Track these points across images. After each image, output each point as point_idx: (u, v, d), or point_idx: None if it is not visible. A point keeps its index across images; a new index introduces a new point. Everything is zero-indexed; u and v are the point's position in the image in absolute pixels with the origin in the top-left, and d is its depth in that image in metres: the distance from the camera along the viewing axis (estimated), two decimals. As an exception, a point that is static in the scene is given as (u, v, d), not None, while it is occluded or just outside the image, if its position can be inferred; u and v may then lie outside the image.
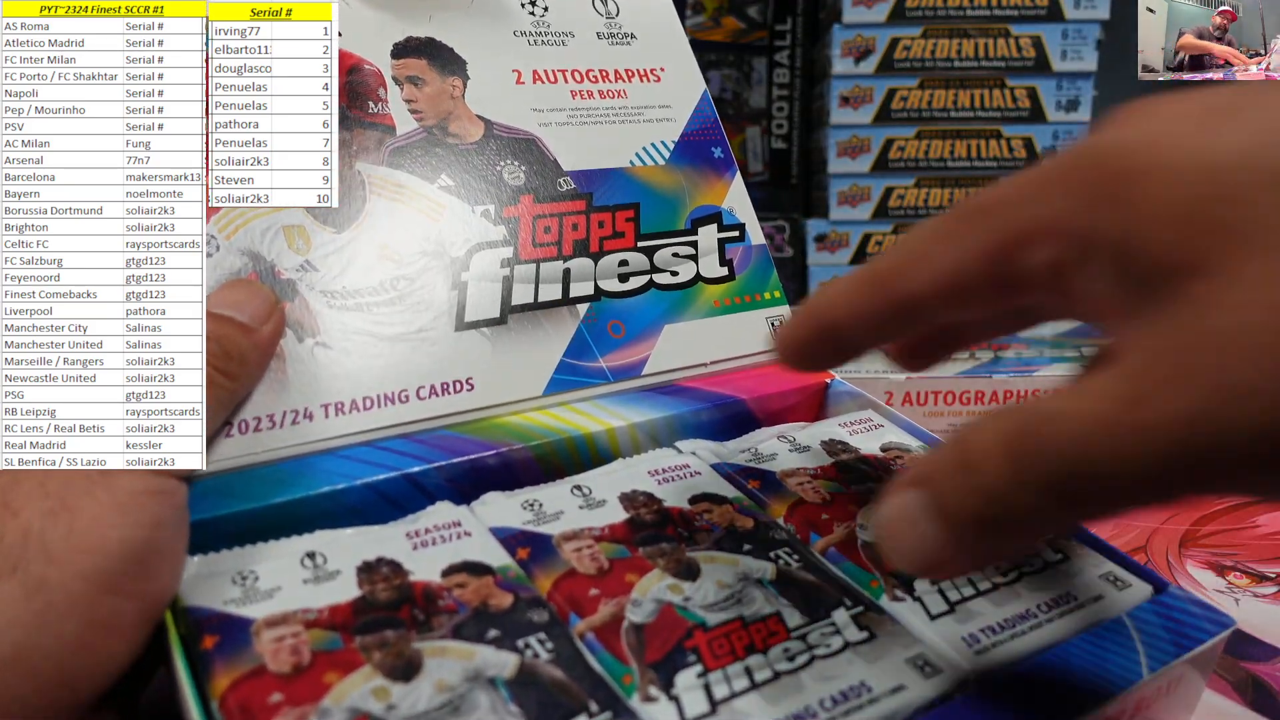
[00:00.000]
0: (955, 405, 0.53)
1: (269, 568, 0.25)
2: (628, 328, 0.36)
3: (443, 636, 0.23)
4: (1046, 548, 0.28)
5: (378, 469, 0.29)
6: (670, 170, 0.41)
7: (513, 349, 0.34)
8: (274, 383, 0.29)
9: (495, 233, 0.35)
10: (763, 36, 0.96)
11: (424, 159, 0.35)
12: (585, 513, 0.29)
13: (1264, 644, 0.34)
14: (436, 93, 0.37)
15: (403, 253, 0.33)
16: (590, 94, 0.40)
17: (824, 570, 0.27)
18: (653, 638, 0.24)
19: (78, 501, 0.21)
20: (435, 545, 0.27)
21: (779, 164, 0.99)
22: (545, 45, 0.41)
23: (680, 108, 0.42)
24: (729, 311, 0.39)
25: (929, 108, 0.85)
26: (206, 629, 0.22)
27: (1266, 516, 0.45)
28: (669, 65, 0.43)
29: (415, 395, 0.32)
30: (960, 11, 0.83)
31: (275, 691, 0.21)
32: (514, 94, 0.39)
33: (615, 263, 0.37)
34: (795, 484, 0.31)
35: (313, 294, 0.31)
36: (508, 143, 0.38)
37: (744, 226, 0.41)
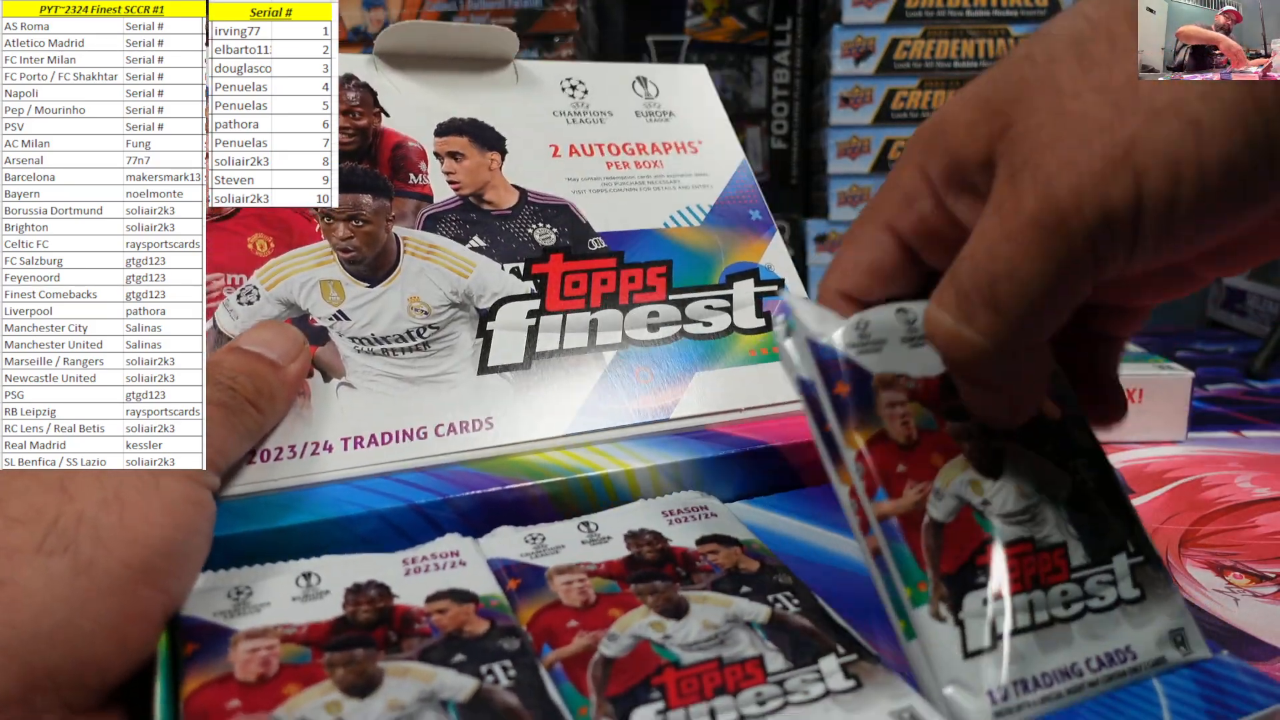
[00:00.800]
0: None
1: (264, 585, 0.25)
2: (656, 374, 0.36)
3: (408, 658, 0.23)
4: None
5: (387, 499, 0.29)
6: (705, 231, 0.41)
7: (535, 391, 0.34)
8: (297, 417, 0.30)
9: (523, 287, 0.36)
10: (763, 36, 0.96)
11: (458, 222, 0.36)
12: (586, 548, 0.29)
13: (1264, 644, 0.34)
14: (475, 166, 0.38)
15: (431, 304, 0.34)
16: (626, 165, 0.41)
17: (824, 616, 0.26)
18: (620, 672, 0.24)
19: (130, 497, 0.22)
20: (428, 572, 0.27)
21: (779, 164, 0.99)
22: (583, 124, 0.42)
23: (717, 175, 0.43)
24: (766, 361, 0.38)
25: (929, 108, 0.85)
26: (190, 637, 0.23)
27: (1266, 516, 0.45)
28: (706, 138, 0.44)
29: (434, 432, 0.32)
30: (960, 12, 0.83)
31: (234, 698, 0.22)
32: (550, 166, 0.40)
33: (645, 314, 0.37)
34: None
35: (342, 340, 0.33)
36: (541, 209, 0.38)
37: (783, 281, 0.40)
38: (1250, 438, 0.56)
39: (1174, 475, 0.50)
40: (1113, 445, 0.54)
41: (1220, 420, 0.59)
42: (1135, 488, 0.48)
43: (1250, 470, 0.50)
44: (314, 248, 0.34)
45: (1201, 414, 0.60)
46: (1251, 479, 0.49)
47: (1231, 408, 0.62)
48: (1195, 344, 0.82)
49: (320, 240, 0.34)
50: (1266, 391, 0.66)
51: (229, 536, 0.26)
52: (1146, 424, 0.54)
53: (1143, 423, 0.53)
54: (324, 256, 0.34)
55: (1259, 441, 0.55)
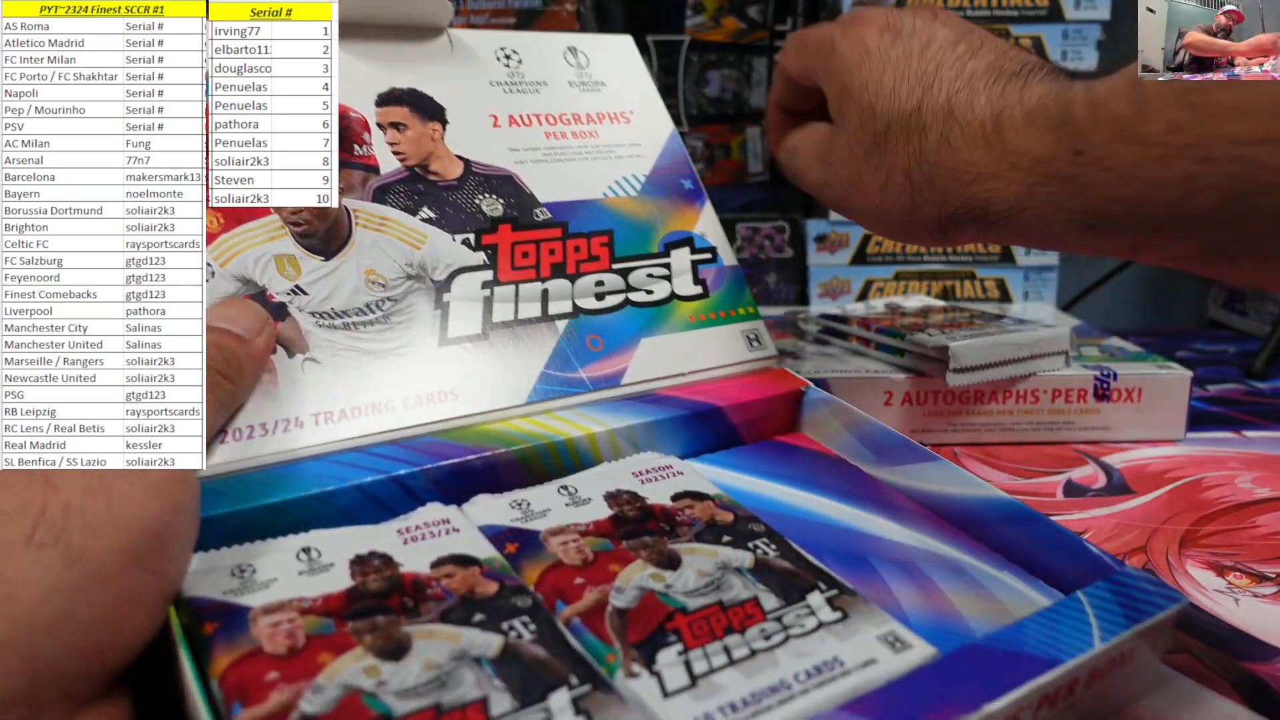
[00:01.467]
0: (954, 405, 0.53)
1: (265, 562, 0.26)
2: (606, 341, 0.38)
3: (430, 621, 0.24)
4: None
5: (365, 472, 0.30)
6: (642, 200, 0.43)
7: (495, 361, 0.35)
8: (266, 394, 0.31)
9: (475, 258, 0.37)
10: (763, 36, 0.96)
11: (406, 194, 0.37)
12: (571, 510, 0.30)
13: (1264, 644, 0.34)
14: (418, 136, 0.39)
15: (388, 277, 0.35)
16: (564, 135, 0.43)
17: (800, 558, 0.29)
18: (635, 621, 0.25)
19: (116, 482, 0.22)
20: (425, 540, 0.28)
21: (779, 164, 0.99)
22: (520, 93, 0.43)
23: (650, 145, 0.45)
24: (704, 326, 0.41)
25: (929, 108, 0.85)
26: (207, 616, 0.24)
27: (1266, 516, 0.45)
28: (637, 109, 0.46)
29: (401, 404, 0.33)
30: (960, 12, 0.83)
31: (271, 670, 0.22)
32: (491, 136, 0.41)
33: (592, 283, 0.39)
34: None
35: (302, 315, 0.33)
36: (486, 179, 0.39)
37: (715, 249, 0.43)
38: (1251, 438, 0.56)
39: (1174, 475, 0.50)
40: (1113, 445, 0.54)
41: (1221, 420, 0.59)
42: (1135, 488, 0.48)
43: (1251, 470, 0.50)
44: (264, 222, 0.34)
45: (1202, 414, 0.60)
46: (1252, 479, 0.49)
47: (1232, 408, 0.62)
48: (1195, 344, 0.82)
49: (270, 215, 0.34)
50: (1267, 391, 0.66)
51: (213, 516, 0.27)
52: (1146, 423, 0.54)
53: (1142, 422, 0.53)
54: (275, 231, 0.34)
55: (1259, 441, 0.55)
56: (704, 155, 0.98)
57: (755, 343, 0.42)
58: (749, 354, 0.41)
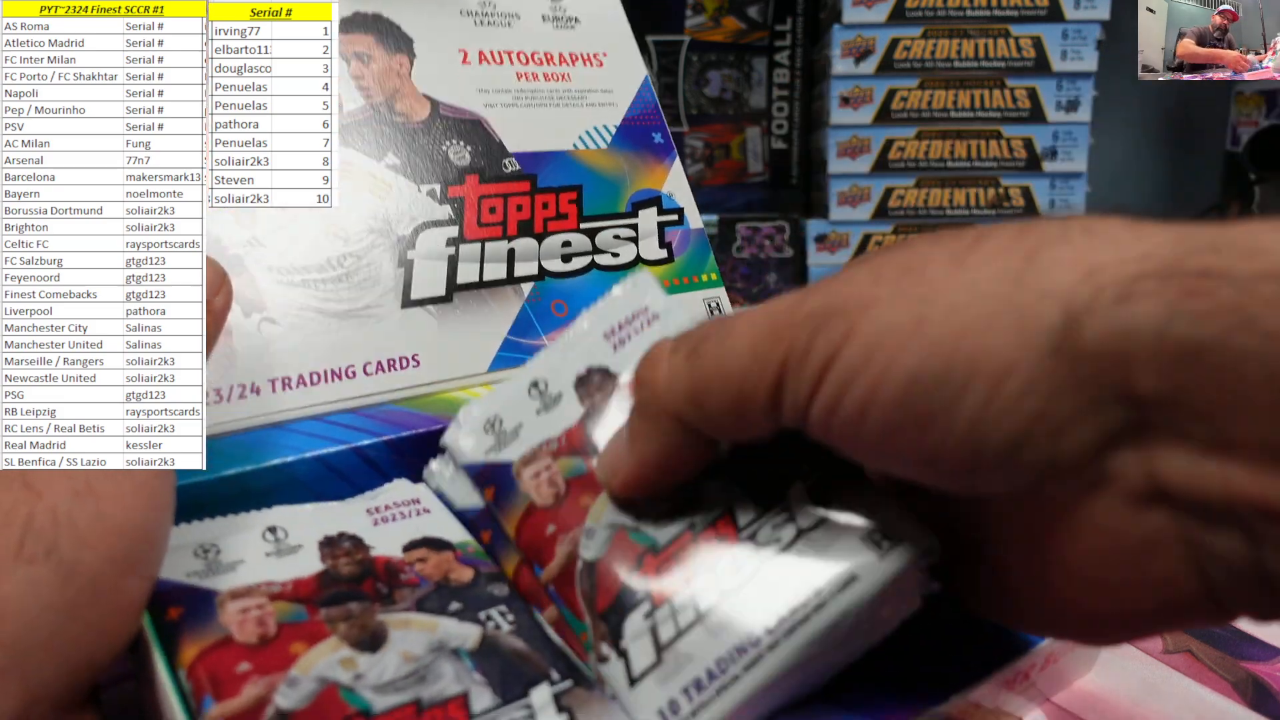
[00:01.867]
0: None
1: (230, 542, 0.25)
2: (570, 307, 0.37)
3: (406, 609, 0.24)
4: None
5: (325, 442, 0.29)
6: (612, 154, 0.41)
7: (458, 327, 0.34)
8: (222, 358, 0.29)
9: (441, 212, 0.36)
10: (763, 36, 0.96)
11: (371, 136, 0.35)
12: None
13: (1264, 644, 0.34)
14: (383, 70, 0.37)
15: (350, 230, 0.33)
16: (535, 76, 0.41)
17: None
18: (604, 576, 0.23)
19: (101, 485, 0.21)
20: (395, 521, 0.27)
21: (779, 164, 0.99)
22: (491, 26, 0.41)
23: (622, 92, 0.43)
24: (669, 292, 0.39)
25: (929, 108, 0.85)
26: (171, 600, 0.22)
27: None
28: (611, 51, 0.44)
29: (362, 371, 0.32)
30: (960, 12, 0.83)
31: (243, 661, 0.21)
32: (460, 74, 0.39)
33: (559, 243, 0.38)
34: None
35: (260, 269, 0.31)
36: (454, 123, 0.38)
37: (683, 211, 0.42)
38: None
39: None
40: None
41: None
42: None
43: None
44: None
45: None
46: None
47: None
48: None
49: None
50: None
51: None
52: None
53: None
54: None
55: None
56: (704, 155, 0.98)
57: (717, 310, 0.41)
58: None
